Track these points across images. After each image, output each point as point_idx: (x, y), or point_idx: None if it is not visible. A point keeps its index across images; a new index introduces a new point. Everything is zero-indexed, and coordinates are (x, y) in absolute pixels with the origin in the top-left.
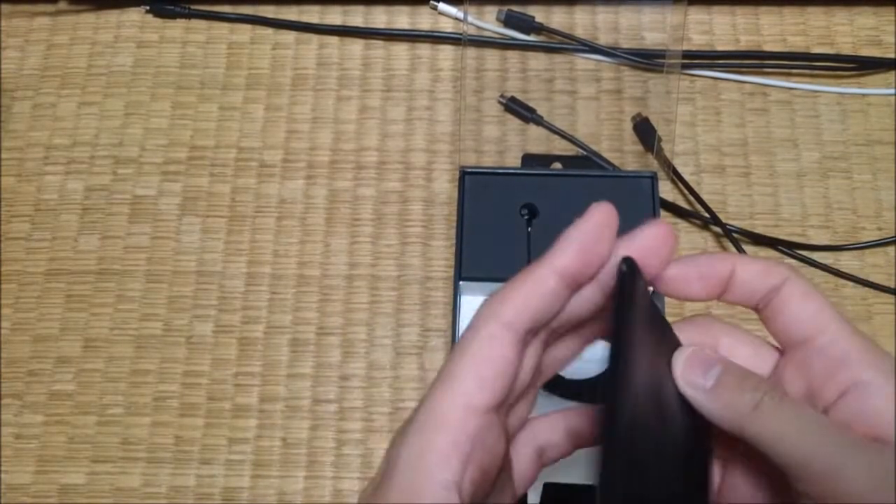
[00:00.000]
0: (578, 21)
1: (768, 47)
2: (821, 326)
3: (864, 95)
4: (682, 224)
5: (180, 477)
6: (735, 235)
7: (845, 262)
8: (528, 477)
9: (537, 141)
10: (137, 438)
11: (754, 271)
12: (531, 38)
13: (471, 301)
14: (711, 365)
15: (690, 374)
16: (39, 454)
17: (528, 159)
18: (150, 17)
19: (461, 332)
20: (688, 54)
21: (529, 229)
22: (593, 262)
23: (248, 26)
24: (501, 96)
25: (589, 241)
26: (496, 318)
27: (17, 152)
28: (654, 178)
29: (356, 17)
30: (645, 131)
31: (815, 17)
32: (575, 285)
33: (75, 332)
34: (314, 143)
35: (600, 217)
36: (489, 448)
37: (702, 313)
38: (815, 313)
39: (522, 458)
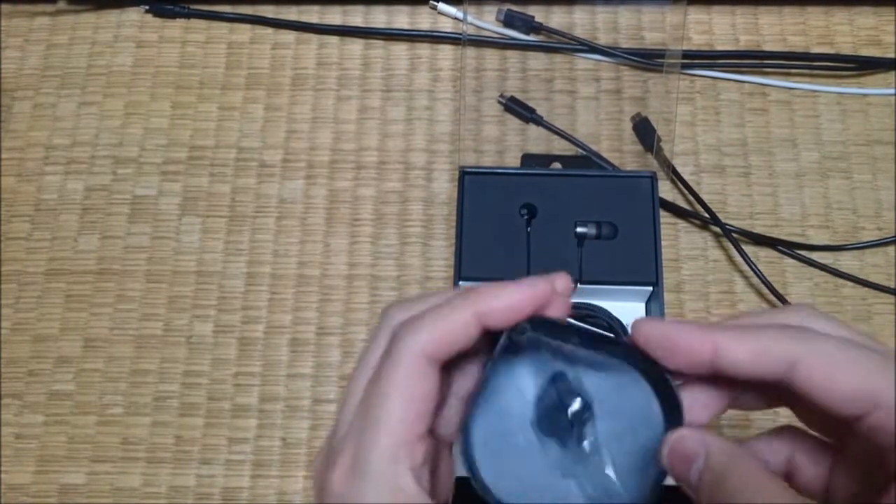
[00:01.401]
0: (578, 21)
1: (768, 47)
2: (867, 403)
3: (863, 95)
4: (682, 224)
5: (180, 477)
6: (735, 235)
7: (845, 262)
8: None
9: (537, 141)
10: (137, 438)
11: (742, 358)
12: (531, 37)
13: None
14: (694, 457)
15: (675, 468)
16: (39, 454)
17: (528, 159)
18: (149, 17)
19: None
20: (687, 54)
21: (529, 229)
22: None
23: (248, 26)
24: (501, 96)
25: (526, 301)
26: (421, 350)
27: (17, 152)
28: (653, 178)
29: (356, 16)
30: (644, 131)
31: (815, 16)
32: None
33: (75, 332)
34: (314, 143)
35: (563, 284)
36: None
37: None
38: (853, 390)
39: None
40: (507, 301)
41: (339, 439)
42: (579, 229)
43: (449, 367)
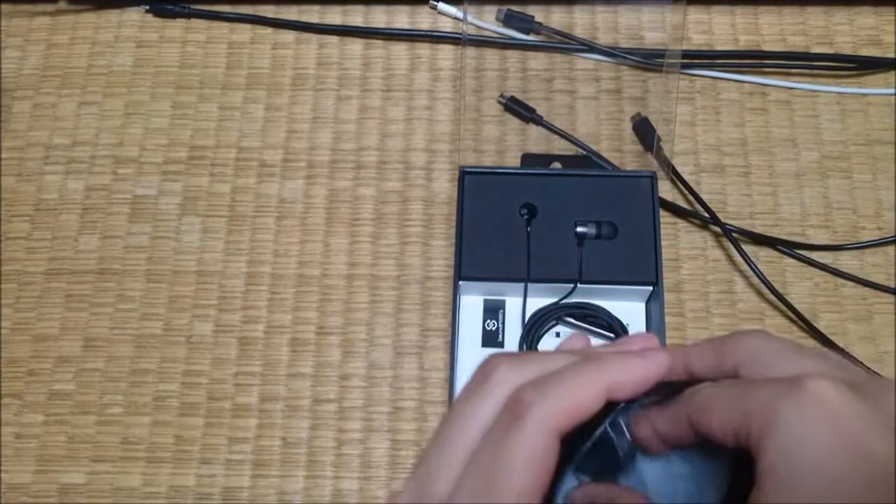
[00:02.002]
0: (578, 21)
1: (768, 47)
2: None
3: (863, 95)
4: (682, 224)
5: (180, 477)
6: (734, 235)
7: (845, 261)
8: None
9: (537, 141)
10: (137, 438)
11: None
12: (531, 37)
13: (470, 301)
14: None
15: None
16: (39, 454)
17: (528, 159)
18: (149, 16)
19: (461, 332)
20: (687, 54)
21: (529, 229)
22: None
23: (248, 26)
24: (501, 96)
25: (653, 374)
26: (552, 421)
27: (17, 152)
28: (653, 178)
29: (356, 16)
30: (644, 131)
31: (815, 16)
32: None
33: (75, 331)
34: (314, 142)
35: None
36: None
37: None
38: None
39: None
40: (639, 375)
41: (448, 498)
42: (579, 229)
43: None
